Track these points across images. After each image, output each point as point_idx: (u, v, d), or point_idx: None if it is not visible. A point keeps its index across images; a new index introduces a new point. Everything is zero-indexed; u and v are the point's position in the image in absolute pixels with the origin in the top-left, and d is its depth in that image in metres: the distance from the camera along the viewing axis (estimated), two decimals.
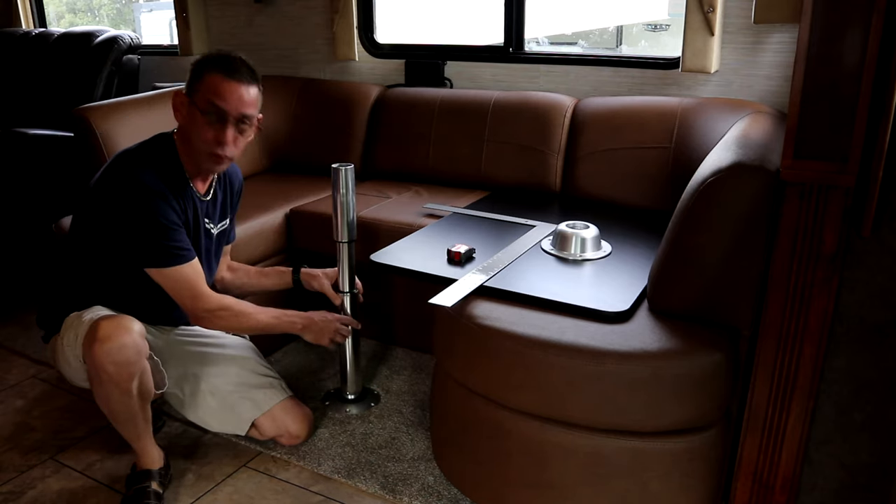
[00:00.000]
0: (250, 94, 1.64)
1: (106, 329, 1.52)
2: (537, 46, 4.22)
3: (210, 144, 1.62)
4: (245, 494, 1.74)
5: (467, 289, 1.63)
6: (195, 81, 1.63)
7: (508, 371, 1.49)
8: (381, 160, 2.75)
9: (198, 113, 1.61)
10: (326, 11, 2.99)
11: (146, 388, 1.62)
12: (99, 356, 1.51)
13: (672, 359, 1.40)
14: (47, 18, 4.00)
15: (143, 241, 1.59)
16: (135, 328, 1.56)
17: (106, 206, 1.61)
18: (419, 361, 2.35)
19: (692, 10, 2.25)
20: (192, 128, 1.63)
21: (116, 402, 1.59)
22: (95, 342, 1.51)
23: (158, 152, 1.67)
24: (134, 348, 1.54)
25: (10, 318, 2.68)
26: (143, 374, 1.59)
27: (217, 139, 1.62)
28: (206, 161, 1.66)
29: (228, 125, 1.62)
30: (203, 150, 1.64)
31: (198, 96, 1.61)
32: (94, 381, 1.57)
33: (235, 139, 1.64)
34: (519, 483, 1.57)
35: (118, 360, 1.52)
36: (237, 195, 1.93)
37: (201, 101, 1.61)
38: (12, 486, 1.77)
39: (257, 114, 1.68)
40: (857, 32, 1.19)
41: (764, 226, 1.39)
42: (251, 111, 1.65)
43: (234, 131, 1.63)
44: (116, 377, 1.53)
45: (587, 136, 2.39)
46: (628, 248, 1.89)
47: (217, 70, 1.61)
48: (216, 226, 1.84)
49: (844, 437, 1.43)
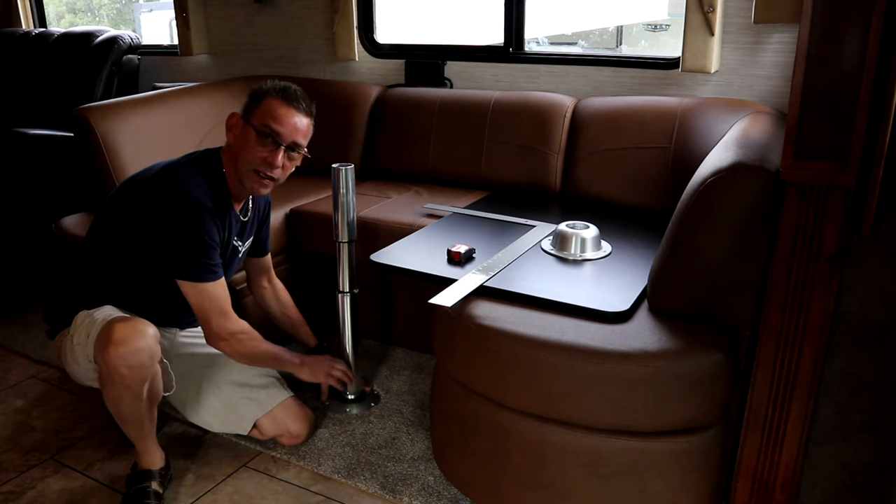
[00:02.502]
0: (304, 124, 1.71)
1: (121, 332, 1.52)
2: (537, 46, 4.22)
3: (260, 164, 1.67)
4: (245, 494, 1.74)
5: (467, 289, 1.64)
6: (253, 104, 1.70)
7: (508, 371, 1.49)
8: (381, 160, 2.75)
9: (252, 133, 1.67)
10: (326, 11, 2.99)
11: (156, 391, 1.63)
12: (113, 359, 1.51)
13: (672, 359, 1.40)
14: (47, 18, 4.00)
15: (184, 254, 1.62)
16: (149, 332, 1.56)
17: (151, 215, 1.64)
18: (419, 361, 2.35)
19: (692, 10, 2.25)
20: (244, 148, 1.68)
21: (126, 405, 1.59)
22: (110, 344, 1.51)
23: (208, 169, 1.71)
24: (148, 352, 1.55)
25: (10, 318, 2.68)
26: (153, 377, 1.60)
27: (267, 160, 1.67)
28: (252, 181, 1.70)
29: (281, 148, 1.67)
30: (250, 169, 1.68)
31: (254, 118, 1.67)
32: (105, 382, 1.57)
33: (284, 165, 1.70)
34: (519, 483, 1.57)
35: (132, 364, 1.52)
36: (264, 211, 1.97)
37: (257, 123, 1.66)
38: (12, 486, 1.77)
39: (305, 145, 1.74)
40: (857, 32, 1.20)
41: (764, 226, 1.39)
42: (302, 140, 1.72)
43: (284, 156, 1.69)
44: (129, 380, 1.54)
45: (587, 136, 2.39)
46: (628, 248, 1.89)
47: (277, 96, 1.68)
48: (244, 244, 1.88)
49: (844, 437, 1.44)
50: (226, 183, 1.73)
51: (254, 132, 1.67)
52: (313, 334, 2.11)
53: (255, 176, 1.69)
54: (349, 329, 2.03)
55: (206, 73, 3.31)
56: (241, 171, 1.70)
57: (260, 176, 1.69)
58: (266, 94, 1.69)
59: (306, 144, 1.75)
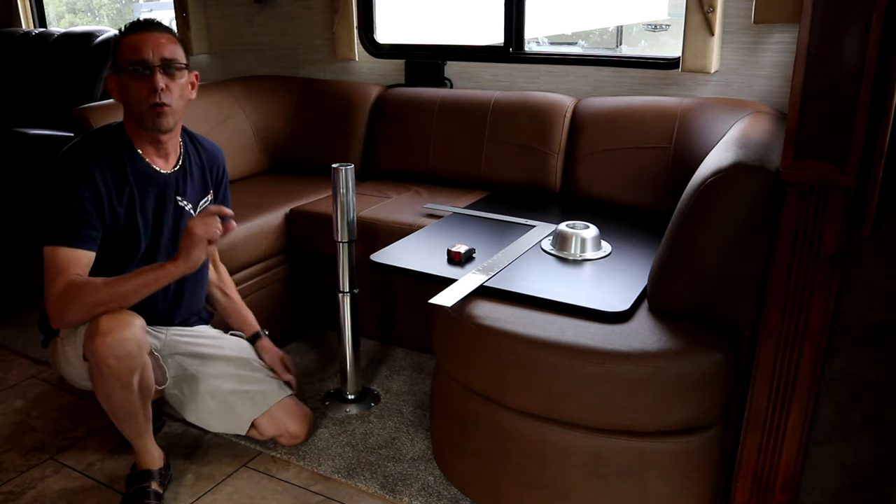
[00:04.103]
0: (162, 40, 1.62)
1: (107, 323, 1.52)
2: (537, 46, 4.22)
3: (146, 96, 1.60)
4: (245, 494, 1.74)
5: (467, 289, 1.63)
6: (114, 55, 1.64)
7: (508, 371, 1.49)
8: (381, 160, 2.75)
9: (125, 78, 1.61)
10: (326, 11, 2.99)
11: (147, 384, 1.62)
12: (101, 350, 1.51)
13: (672, 359, 1.40)
14: (47, 18, 4.00)
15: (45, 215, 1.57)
16: (136, 323, 1.56)
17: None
18: (419, 361, 2.35)
19: (692, 10, 2.25)
20: (127, 95, 1.62)
21: (118, 398, 1.58)
22: (97, 336, 1.51)
23: (100, 132, 1.68)
24: (135, 342, 1.54)
25: (10, 318, 2.68)
26: (144, 368, 1.59)
27: (149, 87, 1.60)
28: (149, 118, 1.62)
29: (155, 71, 1.60)
30: (143, 110, 1.62)
31: (119, 65, 1.62)
32: (95, 375, 1.57)
33: (167, 85, 1.61)
34: (519, 483, 1.57)
35: (119, 354, 1.52)
36: (220, 173, 1.88)
37: (123, 65, 1.61)
38: (12, 486, 1.77)
39: (184, 61, 1.67)
40: (857, 32, 1.19)
41: (764, 226, 1.39)
42: (171, 55, 1.63)
43: (163, 77, 1.61)
44: (118, 371, 1.53)
45: (587, 136, 2.39)
46: (628, 248, 1.89)
47: (126, 33, 1.63)
48: (195, 203, 1.79)
49: (844, 437, 1.44)
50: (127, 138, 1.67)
51: (125, 75, 1.61)
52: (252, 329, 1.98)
53: (149, 110, 1.61)
54: (349, 329, 2.03)
55: (206, 72, 3.30)
56: (138, 116, 1.63)
57: (153, 108, 1.61)
58: (118, 38, 1.64)
59: (184, 60, 1.67)
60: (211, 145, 1.87)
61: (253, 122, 2.85)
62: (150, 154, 1.70)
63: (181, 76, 1.66)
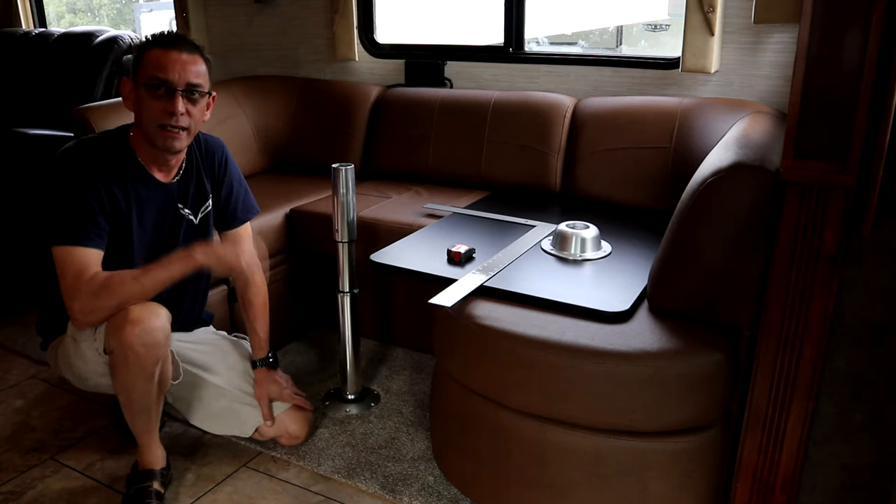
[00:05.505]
0: (191, 62, 1.58)
1: (137, 312, 1.52)
2: (537, 46, 4.22)
3: (161, 117, 1.57)
4: (245, 494, 1.74)
5: (467, 289, 1.63)
6: (137, 62, 1.60)
7: (508, 371, 1.49)
8: (381, 160, 2.75)
9: (143, 91, 1.57)
10: (326, 11, 2.99)
11: (166, 377, 1.62)
12: (130, 337, 1.50)
13: (672, 359, 1.40)
14: (47, 18, 4.00)
15: (49, 214, 1.56)
16: (163, 313, 1.56)
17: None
18: (419, 361, 2.35)
19: (692, 10, 2.25)
20: (143, 108, 1.58)
21: (138, 390, 1.58)
22: (127, 324, 1.50)
23: (105, 137, 1.65)
24: (163, 331, 1.55)
25: (10, 318, 2.68)
26: (165, 360, 1.60)
27: (167, 110, 1.57)
28: (160, 138, 1.59)
29: (177, 94, 1.57)
30: (155, 127, 1.58)
31: (141, 76, 1.58)
32: (119, 365, 1.55)
33: (188, 110, 1.59)
34: (519, 483, 1.57)
35: (148, 342, 1.52)
36: (221, 166, 1.83)
37: (145, 78, 1.57)
38: (12, 486, 1.77)
39: (207, 86, 1.63)
40: (856, 32, 1.19)
41: (764, 226, 1.39)
42: (196, 80, 1.59)
43: (183, 101, 1.58)
44: (144, 358, 1.53)
45: (587, 136, 2.39)
46: (628, 248, 1.89)
47: (156, 45, 1.58)
48: (196, 210, 1.78)
49: (844, 437, 1.44)
50: (130, 149, 1.64)
51: (144, 89, 1.57)
52: (261, 350, 1.89)
53: (163, 132, 1.58)
54: (349, 329, 2.03)
55: None
56: (148, 131, 1.59)
57: (167, 130, 1.58)
58: (145, 47, 1.58)
59: (207, 85, 1.63)
60: (210, 140, 1.84)
61: (253, 122, 2.85)
62: (152, 166, 1.68)
63: (203, 102, 1.64)
